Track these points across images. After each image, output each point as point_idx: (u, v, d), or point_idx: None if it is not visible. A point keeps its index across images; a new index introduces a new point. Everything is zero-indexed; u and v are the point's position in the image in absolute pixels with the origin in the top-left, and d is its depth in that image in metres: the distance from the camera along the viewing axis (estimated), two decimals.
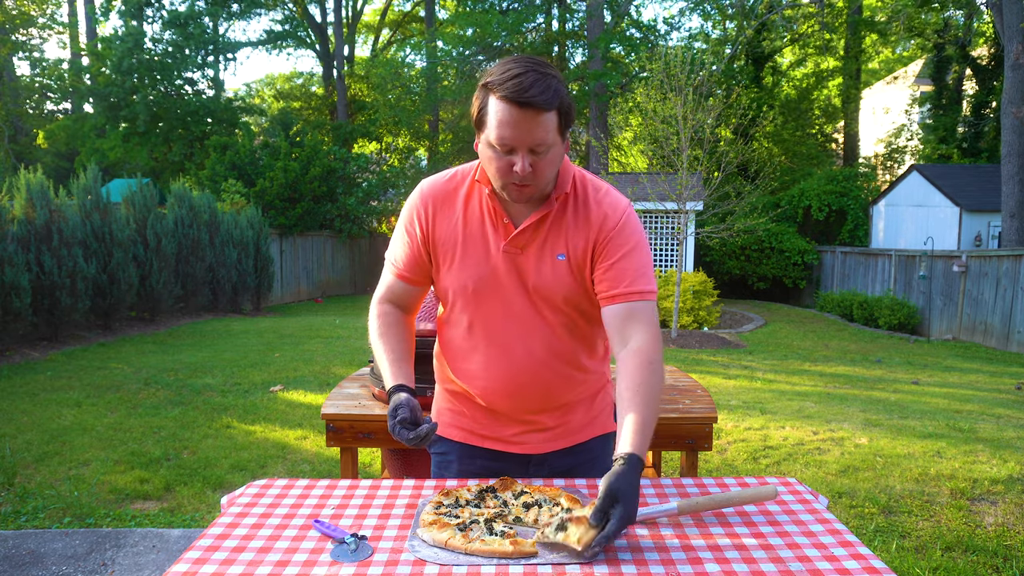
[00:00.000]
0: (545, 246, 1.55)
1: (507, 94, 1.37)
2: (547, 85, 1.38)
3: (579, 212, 1.56)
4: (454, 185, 1.60)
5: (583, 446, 1.69)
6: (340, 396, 2.64)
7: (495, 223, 1.56)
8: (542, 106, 1.37)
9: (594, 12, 18.50)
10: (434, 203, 1.60)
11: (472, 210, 1.58)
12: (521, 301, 1.56)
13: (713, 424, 2.45)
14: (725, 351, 9.50)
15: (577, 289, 1.56)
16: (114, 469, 4.21)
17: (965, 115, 18.69)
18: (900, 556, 3.07)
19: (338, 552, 1.26)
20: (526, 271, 1.55)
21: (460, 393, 1.69)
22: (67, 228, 8.99)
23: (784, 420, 5.36)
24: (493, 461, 1.68)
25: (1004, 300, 10.48)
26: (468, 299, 1.58)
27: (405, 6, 30.10)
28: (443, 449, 1.73)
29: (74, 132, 20.11)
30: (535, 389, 1.60)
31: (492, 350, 1.59)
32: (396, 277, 1.66)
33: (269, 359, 7.86)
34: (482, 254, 1.56)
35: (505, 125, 1.39)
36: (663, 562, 1.23)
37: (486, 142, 1.45)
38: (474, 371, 1.62)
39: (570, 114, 1.46)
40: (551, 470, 1.68)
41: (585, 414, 1.69)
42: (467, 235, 1.57)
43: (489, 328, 1.59)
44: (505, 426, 1.66)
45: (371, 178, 19.59)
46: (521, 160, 1.41)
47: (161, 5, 20.51)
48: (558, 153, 1.46)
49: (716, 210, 12.72)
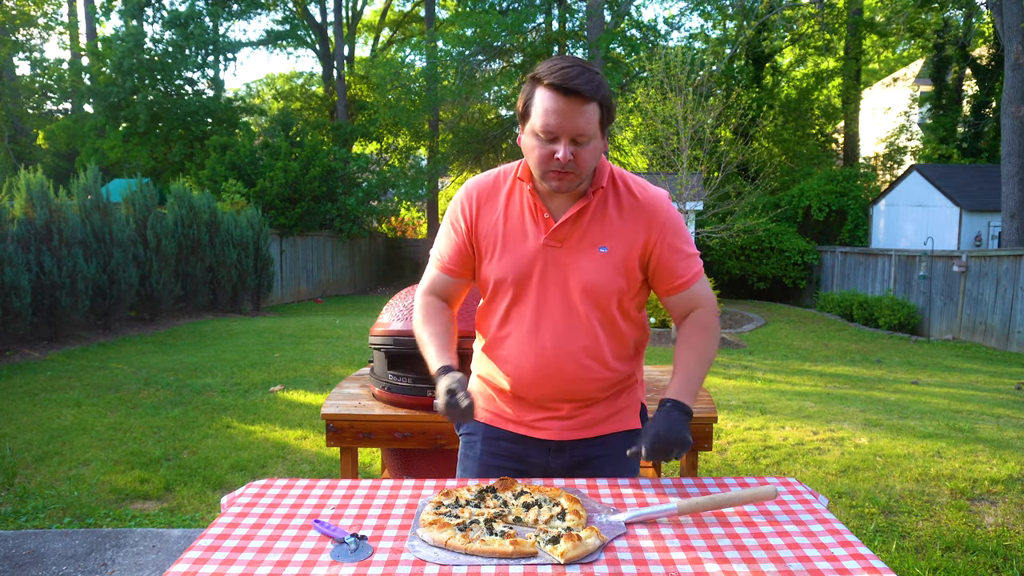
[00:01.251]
0: (585, 239, 1.61)
1: (554, 81, 1.46)
2: (591, 78, 1.47)
3: (623, 205, 1.63)
4: (497, 182, 1.69)
5: (603, 439, 1.73)
6: (340, 396, 2.64)
7: (536, 218, 1.62)
8: (586, 95, 1.46)
9: (594, 12, 18.50)
10: (478, 198, 1.67)
11: (514, 205, 1.65)
12: (558, 293, 1.62)
13: (713, 424, 2.45)
14: (725, 351, 9.50)
15: (619, 281, 1.61)
16: (114, 469, 4.21)
17: (965, 115, 18.69)
18: (900, 556, 3.07)
19: (338, 552, 1.26)
20: (566, 264, 1.61)
21: (489, 380, 1.76)
22: (67, 228, 9.00)
23: (784, 420, 5.36)
24: (515, 443, 1.73)
25: (1004, 300, 10.48)
26: (507, 289, 1.64)
27: (405, 6, 30.10)
28: (470, 429, 1.80)
29: (74, 132, 20.10)
30: (559, 380, 1.65)
31: (524, 339, 1.65)
32: (440, 271, 1.73)
33: (269, 359, 7.86)
34: (522, 247, 1.62)
35: (551, 113, 1.47)
36: (663, 562, 1.23)
37: (531, 131, 1.52)
38: (505, 357, 1.69)
39: (611, 111, 1.54)
40: (570, 457, 1.72)
41: (605, 409, 1.73)
42: (508, 229, 1.64)
43: (524, 318, 1.65)
44: (528, 411, 1.72)
45: (371, 178, 19.59)
46: (564, 148, 1.48)
47: (161, 5, 20.51)
48: (598, 147, 1.54)
49: (716, 210, 12.73)
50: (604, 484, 1.60)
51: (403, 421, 2.38)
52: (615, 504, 1.48)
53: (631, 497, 1.52)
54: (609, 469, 1.71)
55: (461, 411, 1.48)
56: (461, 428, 1.83)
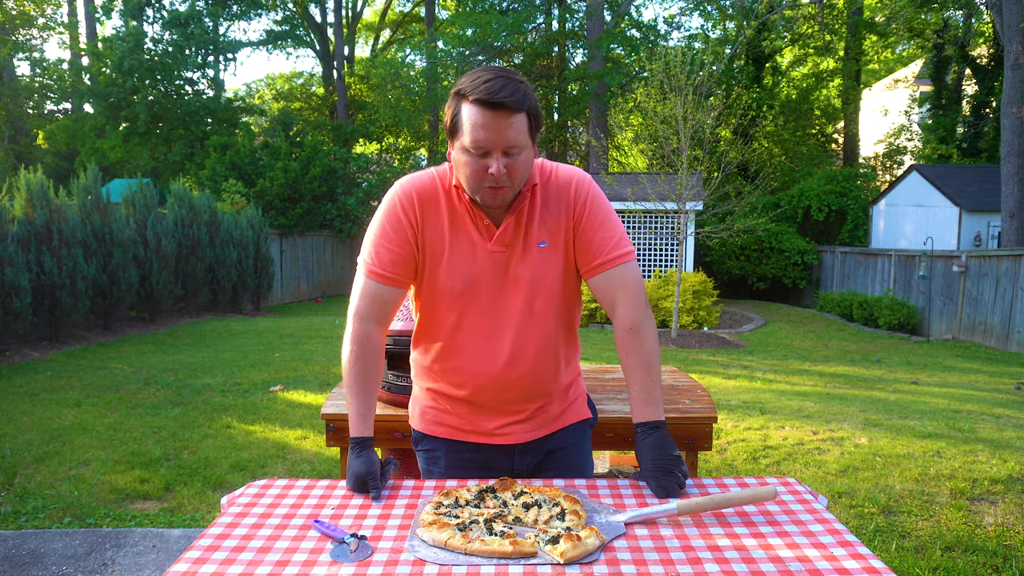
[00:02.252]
0: (528, 238, 1.61)
1: (480, 96, 1.43)
2: (516, 88, 1.45)
3: (549, 192, 1.63)
4: (435, 186, 1.63)
5: (560, 432, 1.76)
6: (340, 396, 2.64)
7: (477, 225, 1.60)
8: (513, 106, 1.44)
9: (594, 12, 18.50)
10: (420, 202, 1.61)
11: (455, 212, 1.61)
12: (510, 295, 1.61)
13: (713, 424, 2.45)
14: (725, 351, 9.50)
15: (562, 269, 1.64)
16: (114, 469, 4.21)
17: (965, 115, 18.69)
18: (900, 556, 3.07)
19: (338, 552, 1.26)
20: (514, 266, 1.61)
21: (442, 392, 1.72)
22: (67, 228, 9.00)
23: (784, 420, 5.36)
24: (478, 453, 1.72)
25: (1004, 300, 10.48)
26: (456, 298, 1.61)
27: (405, 6, 30.11)
28: (429, 446, 1.77)
29: (74, 132, 20.11)
30: (523, 382, 1.65)
31: (481, 346, 1.63)
32: (378, 281, 1.60)
33: (269, 359, 7.86)
34: (469, 254, 1.60)
35: (479, 128, 1.44)
36: (663, 562, 1.23)
37: (460, 148, 1.49)
38: (461, 368, 1.65)
39: (539, 118, 1.54)
40: (534, 456, 1.74)
41: (560, 403, 1.75)
42: (453, 236, 1.60)
43: (478, 325, 1.62)
44: (487, 420, 1.70)
45: (371, 178, 19.60)
46: (496, 163, 1.46)
47: (161, 5, 20.51)
48: (529, 156, 1.53)
49: (716, 210, 12.72)
50: (604, 484, 1.60)
51: (403, 421, 2.38)
52: (615, 504, 1.48)
53: (631, 497, 1.52)
54: (573, 457, 1.77)
55: (370, 496, 1.51)
56: (419, 445, 1.79)
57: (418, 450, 1.80)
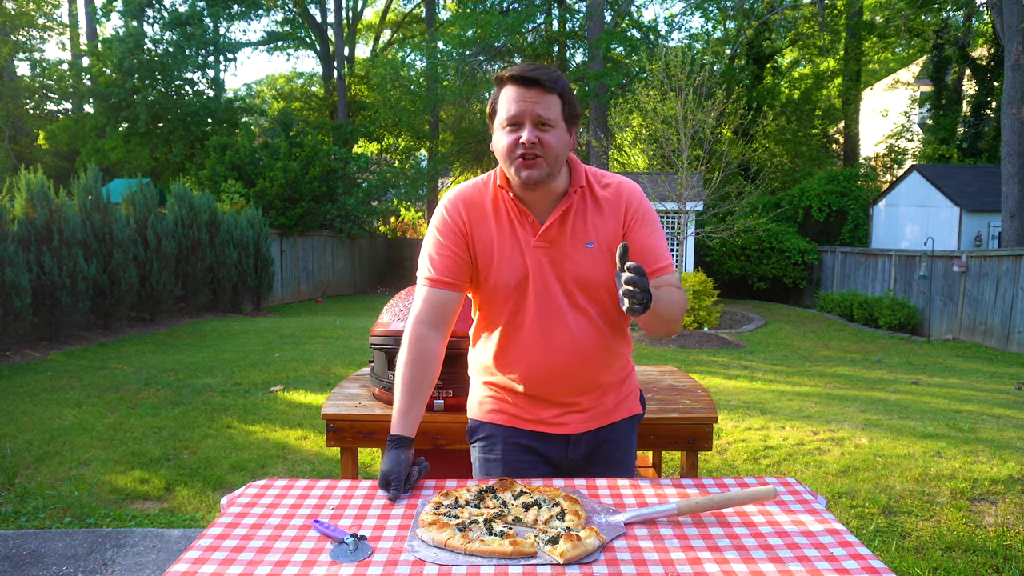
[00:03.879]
0: (574, 237, 1.67)
1: (514, 74, 1.57)
2: (551, 72, 1.57)
3: (599, 199, 1.70)
4: (480, 191, 1.72)
5: (613, 426, 1.82)
6: (340, 396, 2.64)
7: (522, 222, 1.67)
8: (546, 84, 1.55)
9: (594, 12, 18.49)
10: (466, 208, 1.70)
11: (500, 213, 1.69)
12: (558, 291, 1.68)
13: (713, 424, 2.45)
14: (725, 351, 9.50)
15: (608, 270, 1.67)
16: (114, 469, 4.21)
17: (965, 115, 18.68)
18: (900, 556, 3.07)
19: (337, 552, 1.26)
20: (559, 262, 1.67)
21: (500, 385, 1.78)
22: (67, 228, 9.00)
23: (784, 420, 5.36)
24: (535, 440, 1.77)
25: (1004, 300, 10.48)
26: (509, 294, 1.68)
27: (406, 7, 30.11)
28: (487, 433, 1.81)
29: (75, 132, 20.11)
30: (574, 373, 1.71)
31: (533, 339, 1.69)
32: (432, 286, 1.69)
33: (269, 359, 7.86)
34: (517, 252, 1.67)
35: (512, 101, 1.56)
36: (662, 562, 1.23)
37: (498, 125, 1.60)
38: (516, 360, 1.72)
39: (574, 106, 1.62)
40: (587, 446, 1.78)
41: (616, 395, 1.81)
42: (500, 236, 1.68)
43: (529, 319, 1.69)
44: (545, 409, 1.75)
45: (371, 178, 19.60)
46: (528, 131, 1.54)
47: (162, 5, 20.52)
48: (564, 138, 1.60)
49: (716, 210, 12.72)
50: (604, 484, 1.60)
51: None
52: (614, 504, 1.48)
53: (630, 497, 1.52)
54: (620, 451, 1.82)
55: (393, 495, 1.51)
56: (475, 435, 1.84)
57: (473, 442, 1.85)
